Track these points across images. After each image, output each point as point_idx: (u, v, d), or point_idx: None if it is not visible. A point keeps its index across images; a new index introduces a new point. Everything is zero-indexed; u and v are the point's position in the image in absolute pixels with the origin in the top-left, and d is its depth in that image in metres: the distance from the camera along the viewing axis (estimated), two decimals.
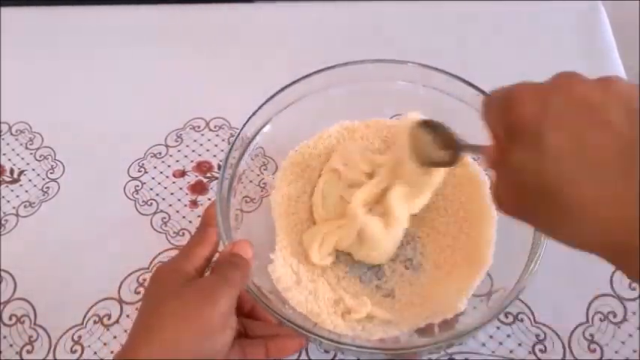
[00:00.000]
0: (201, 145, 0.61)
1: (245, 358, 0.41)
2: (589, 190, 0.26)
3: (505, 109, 0.30)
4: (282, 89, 0.51)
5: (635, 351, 0.46)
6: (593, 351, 0.46)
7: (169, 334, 0.34)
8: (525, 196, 0.29)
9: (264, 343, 0.42)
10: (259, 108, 0.50)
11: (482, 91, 0.49)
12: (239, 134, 0.49)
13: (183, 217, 0.56)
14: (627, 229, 0.25)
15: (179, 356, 0.33)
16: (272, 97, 0.51)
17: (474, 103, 0.50)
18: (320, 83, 0.52)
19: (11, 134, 0.63)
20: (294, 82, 0.51)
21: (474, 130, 0.51)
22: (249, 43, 0.71)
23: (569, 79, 0.29)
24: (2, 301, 0.51)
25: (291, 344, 0.43)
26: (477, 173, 0.52)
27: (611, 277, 0.50)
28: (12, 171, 0.60)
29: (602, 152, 0.26)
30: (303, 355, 0.47)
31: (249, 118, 0.49)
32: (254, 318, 0.44)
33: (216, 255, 0.42)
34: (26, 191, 0.59)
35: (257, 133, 0.51)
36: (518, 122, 0.29)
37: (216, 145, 0.61)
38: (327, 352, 0.47)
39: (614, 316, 0.48)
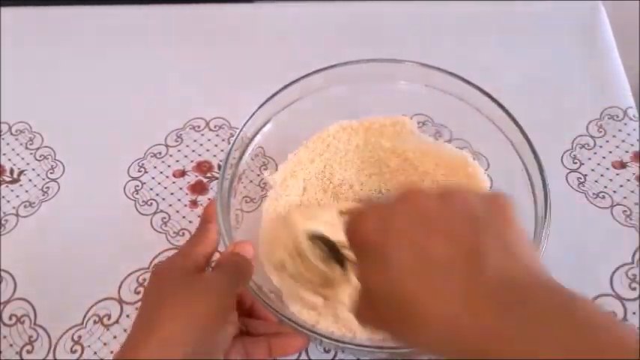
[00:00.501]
0: (201, 145, 0.61)
1: (247, 356, 0.41)
2: (437, 301, 0.26)
3: (353, 233, 0.31)
4: (282, 89, 0.51)
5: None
6: None
7: (169, 331, 0.34)
8: (382, 309, 0.29)
9: (267, 342, 0.42)
10: (259, 108, 0.50)
11: (483, 91, 0.50)
12: (239, 134, 0.49)
13: (183, 217, 0.56)
14: (480, 337, 0.25)
15: (179, 354, 0.33)
16: (272, 96, 0.51)
17: (474, 102, 0.50)
18: (320, 83, 0.52)
19: (11, 134, 0.63)
20: (293, 82, 0.51)
21: (474, 129, 0.52)
22: (249, 43, 0.71)
23: (410, 196, 0.30)
24: (2, 301, 0.51)
25: (294, 343, 0.43)
26: (477, 173, 0.52)
27: (611, 277, 0.50)
28: (12, 171, 0.60)
29: (446, 261, 0.27)
30: (303, 355, 0.47)
31: (249, 117, 0.49)
32: (253, 316, 0.44)
33: (217, 254, 0.42)
34: (26, 191, 0.59)
35: (257, 132, 0.51)
36: (364, 242, 0.30)
37: (216, 145, 0.61)
38: (327, 351, 0.47)
39: (614, 316, 0.48)
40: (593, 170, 0.57)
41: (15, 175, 0.60)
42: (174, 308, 0.35)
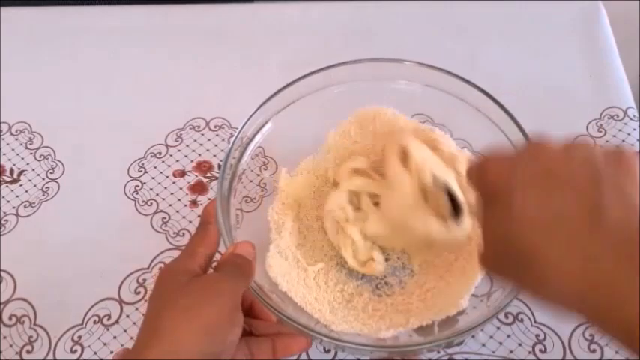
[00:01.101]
0: (201, 145, 0.61)
1: (252, 356, 0.40)
2: (559, 252, 0.27)
3: (479, 178, 0.32)
4: (282, 89, 0.51)
5: None
6: (593, 351, 0.46)
7: (177, 333, 0.34)
8: (503, 257, 0.30)
9: (271, 342, 0.42)
10: (259, 107, 0.50)
11: (483, 91, 0.50)
12: (238, 134, 0.49)
13: (184, 217, 0.56)
14: (599, 288, 0.26)
15: (189, 354, 0.33)
16: (272, 96, 0.51)
17: (475, 102, 0.50)
18: (319, 82, 0.52)
19: (11, 134, 0.63)
20: (293, 82, 0.51)
21: (474, 129, 0.52)
22: (249, 43, 0.71)
23: (537, 149, 0.31)
24: (2, 301, 0.51)
25: (298, 343, 0.43)
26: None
27: None
28: (12, 171, 0.60)
29: (568, 214, 0.28)
30: (303, 355, 0.47)
31: (249, 117, 0.49)
32: (252, 316, 0.43)
33: (218, 255, 0.42)
34: (26, 191, 0.59)
35: (257, 132, 0.51)
36: (490, 190, 0.31)
37: (216, 145, 0.61)
38: (327, 351, 0.47)
39: None
40: None
41: (15, 175, 0.60)
42: (182, 310, 0.35)
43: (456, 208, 0.42)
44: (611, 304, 0.26)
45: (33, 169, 0.60)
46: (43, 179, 0.59)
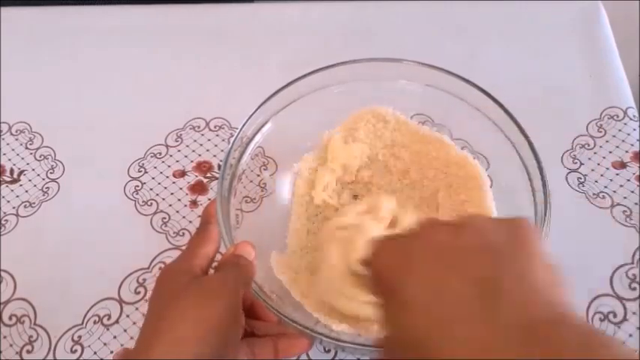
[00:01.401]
0: (201, 145, 0.61)
1: (254, 356, 0.40)
2: (454, 349, 0.25)
3: (374, 273, 0.31)
4: (282, 88, 0.51)
5: (635, 351, 0.46)
6: None
7: (180, 333, 0.34)
8: (398, 345, 0.28)
9: (273, 342, 0.42)
10: (259, 107, 0.50)
11: (483, 90, 0.50)
12: (238, 134, 0.49)
13: (184, 217, 0.56)
14: None
15: (191, 354, 0.33)
16: (271, 96, 0.51)
17: (475, 101, 0.50)
18: (319, 82, 0.52)
19: (11, 134, 0.63)
20: (293, 82, 0.51)
21: (474, 129, 0.52)
22: (249, 43, 0.71)
23: (427, 229, 0.30)
24: (2, 301, 0.51)
25: (300, 343, 0.43)
26: (476, 174, 0.52)
27: (611, 277, 0.50)
28: (12, 171, 0.60)
29: (463, 301, 0.26)
30: (303, 355, 0.47)
31: (249, 117, 0.49)
32: (252, 317, 0.43)
33: (219, 255, 0.42)
34: (26, 191, 0.59)
35: (257, 132, 0.51)
36: (382, 279, 0.30)
37: (216, 145, 0.61)
38: (327, 351, 0.47)
39: (614, 316, 0.48)
40: (593, 170, 0.57)
41: (15, 175, 0.60)
42: (184, 310, 0.35)
43: None
44: None
45: (33, 169, 0.60)
46: (43, 179, 0.59)
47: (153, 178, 0.59)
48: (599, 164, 0.57)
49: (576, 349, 0.23)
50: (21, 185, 0.59)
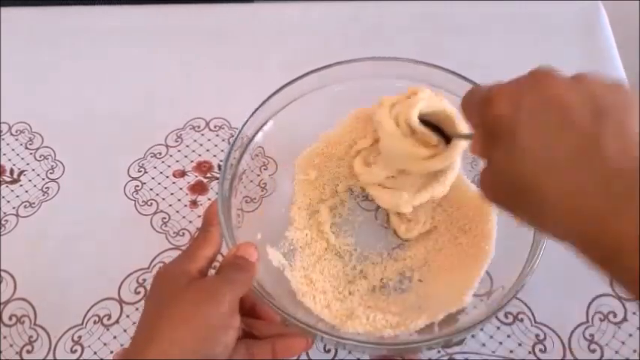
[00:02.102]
0: (201, 145, 0.61)
1: (252, 357, 0.40)
2: (557, 185, 0.29)
3: (483, 110, 0.33)
4: (282, 88, 0.51)
5: (635, 351, 0.46)
6: (593, 351, 0.46)
7: (173, 335, 0.34)
8: (504, 188, 0.32)
9: (271, 343, 0.42)
10: (259, 107, 0.50)
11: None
12: (239, 134, 0.49)
13: (184, 217, 0.56)
14: (591, 218, 0.28)
15: (183, 356, 0.33)
16: (271, 96, 0.51)
17: None
18: (319, 82, 0.52)
19: (11, 134, 0.63)
20: (293, 81, 0.51)
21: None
22: (249, 43, 0.71)
23: (543, 79, 0.32)
24: (2, 301, 0.51)
25: (299, 343, 0.43)
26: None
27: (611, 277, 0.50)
28: (12, 171, 0.60)
29: (568, 150, 0.29)
30: (303, 355, 0.47)
31: (249, 117, 0.49)
32: (254, 316, 0.43)
33: (220, 257, 0.42)
34: (26, 191, 0.59)
35: (257, 132, 0.51)
36: (495, 123, 0.31)
37: (216, 145, 0.61)
38: (327, 351, 0.47)
39: (614, 316, 0.48)
40: None
41: (15, 176, 0.60)
42: (180, 312, 0.35)
43: (446, 138, 0.45)
44: (597, 236, 0.28)
45: (33, 169, 0.60)
46: (43, 179, 0.59)
47: (153, 178, 0.59)
48: None
49: None
50: (21, 185, 0.59)
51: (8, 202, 0.58)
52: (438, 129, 0.45)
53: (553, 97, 0.30)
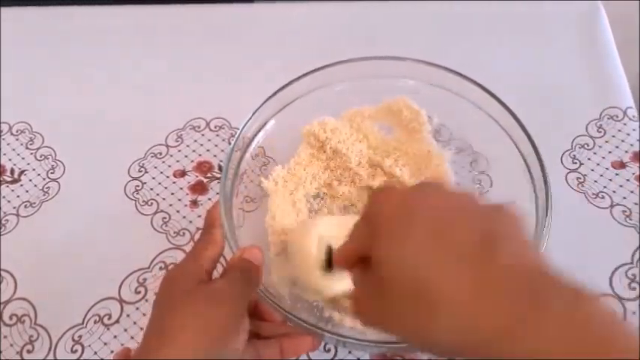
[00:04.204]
0: (201, 145, 0.61)
1: (259, 357, 0.40)
2: (453, 283, 0.26)
3: (377, 205, 0.32)
4: (282, 88, 0.51)
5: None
6: None
7: (181, 338, 0.34)
8: (384, 297, 0.29)
9: (279, 343, 0.42)
10: (259, 107, 0.50)
11: (483, 87, 0.50)
12: (240, 134, 0.49)
13: (184, 217, 0.56)
14: (494, 323, 0.25)
15: (195, 357, 0.33)
16: (272, 96, 0.51)
17: (475, 100, 0.50)
18: (319, 81, 0.52)
19: (12, 134, 0.63)
20: (293, 81, 0.51)
21: (474, 127, 0.52)
22: (249, 43, 0.71)
23: (431, 186, 0.32)
24: (2, 300, 0.51)
25: (305, 343, 0.43)
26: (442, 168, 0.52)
27: (611, 277, 0.50)
28: (12, 171, 0.60)
29: (462, 245, 0.27)
30: (303, 355, 0.47)
31: (250, 117, 0.49)
32: (257, 317, 0.44)
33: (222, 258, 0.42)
34: (27, 191, 0.59)
35: (257, 132, 0.51)
36: (384, 222, 0.30)
37: (216, 145, 0.61)
38: (327, 351, 0.47)
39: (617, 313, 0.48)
40: (592, 170, 0.57)
41: (15, 175, 0.60)
42: (190, 315, 0.35)
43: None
44: (497, 337, 0.25)
45: (33, 169, 0.60)
46: (44, 179, 0.59)
47: (153, 178, 0.59)
48: (598, 164, 0.57)
49: (563, 305, 0.25)
50: (21, 185, 0.59)
51: (9, 201, 0.58)
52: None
53: (447, 198, 0.30)
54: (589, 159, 0.58)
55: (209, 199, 0.57)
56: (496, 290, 0.26)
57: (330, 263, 0.40)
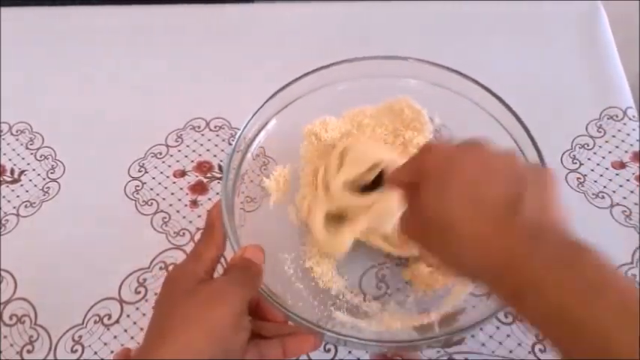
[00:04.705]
0: (201, 145, 0.61)
1: (262, 357, 0.40)
2: (477, 226, 0.32)
3: (421, 158, 0.37)
4: (282, 88, 0.51)
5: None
6: None
7: (183, 337, 0.34)
8: (426, 226, 0.34)
9: (281, 343, 0.42)
10: (260, 108, 0.50)
11: (483, 86, 0.50)
12: (241, 134, 0.49)
13: (184, 217, 0.56)
14: (503, 257, 0.31)
15: (196, 357, 0.33)
16: (272, 96, 0.51)
17: (475, 98, 0.50)
18: (319, 81, 0.52)
19: (12, 134, 0.63)
20: (292, 81, 0.51)
21: (475, 126, 0.52)
22: (249, 43, 0.71)
23: (477, 144, 0.36)
24: (2, 301, 0.51)
25: (308, 341, 0.43)
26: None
27: None
28: (12, 171, 0.60)
29: (491, 201, 0.32)
30: (303, 355, 0.47)
31: (251, 118, 0.49)
32: (259, 318, 0.43)
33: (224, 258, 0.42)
34: (27, 191, 0.59)
35: (258, 132, 0.51)
36: (431, 170, 0.35)
37: (216, 145, 0.61)
38: (327, 351, 0.47)
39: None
40: (592, 170, 0.57)
41: (15, 175, 0.60)
42: (191, 315, 0.35)
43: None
44: (505, 272, 0.30)
45: (33, 169, 0.60)
46: (44, 179, 0.59)
47: (153, 178, 0.59)
48: (598, 164, 0.57)
49: (566, 250, 0.30)
50: (21, 185, 0.59)
51: (9, 201, 0.58)
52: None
53: (486, 156, 0.35)
54: (589, 159, 0.58)
55: (209, 199, 0.57)
56: (508, 234, 0.31)
57: (375, 182, 0.46)
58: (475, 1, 0.72)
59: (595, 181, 0.56)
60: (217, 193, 0.57)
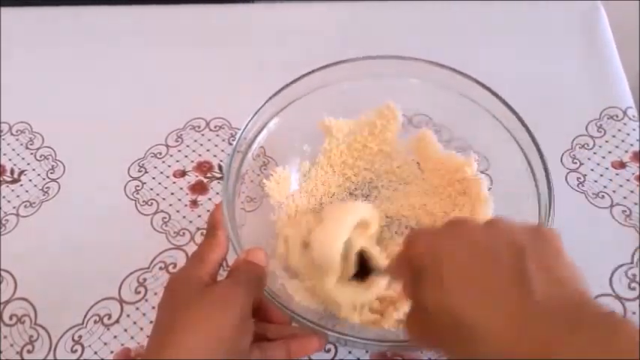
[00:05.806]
0: (201, 145, 0.61)
1: (266, 357, 0.40)
2: (487, 316, 0.28)
3: (407, 250, 0.34)
4: (282, 89, 0.51)
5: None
6: None
7: (188, 339, 0.34)
8: (432, 326, 0.31)
9: (286, 344, 0.42)
10: (260, 108, 0.50)
11: (484, 86, 0.50)
12: (241, 135, 0.49)
13: (184, 217, 0.56)
14: (536, 349, 0.26)
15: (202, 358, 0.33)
16: (272, 96, 0.51)
17: (476, 98, 0.50)
18: (320, 81, 0.52)
19: (11, 134, 0.63)
20: (293, 81, 0.51)
21: (475, 126, 0.52)
22: (249, 43, 0.71)
23: (459, 223, 0.33)
24: (2, 300, 0.51)
25: (312, 342, 0.43)
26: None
27: (611, 277, 0.50)
28: (12, 171, 0.60)
29: (495, 282, 0.29)
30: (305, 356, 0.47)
31: (251, 118, 0.49)
32: (262, 319, 0.43)
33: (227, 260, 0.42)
34: (26, 191, 0.59)
35: (258, 133, 0.51)
36: (419, 262, 0.32)
37: (216, 145, 0.61)
38: (327, 351, 0.47)
39: None
40: (592, 170, 0.57)
41: (15, 175, 0.60)
42: (195, 320, 0.35)
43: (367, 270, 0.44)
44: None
45: (33, 169, 0.60)
46: (44, 179, 0.59)
47: (153, 178, 0.59)
48: (598, 164, 0.57)
49: (600, 337, 0.26)
50: (21, 185, 0.59)
51: (8, 201, 0.58)
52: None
53: (470, 235, 0.32)
54: (589, 159, 0.58)
55: (209, 199, 0.57)
56: (531, 320, 0.27)
57: (361, 270, 0.44)
58: (475, 2, 0.72)
59: (595, 181, 0.56)
60: (217, 193, 0.57)
